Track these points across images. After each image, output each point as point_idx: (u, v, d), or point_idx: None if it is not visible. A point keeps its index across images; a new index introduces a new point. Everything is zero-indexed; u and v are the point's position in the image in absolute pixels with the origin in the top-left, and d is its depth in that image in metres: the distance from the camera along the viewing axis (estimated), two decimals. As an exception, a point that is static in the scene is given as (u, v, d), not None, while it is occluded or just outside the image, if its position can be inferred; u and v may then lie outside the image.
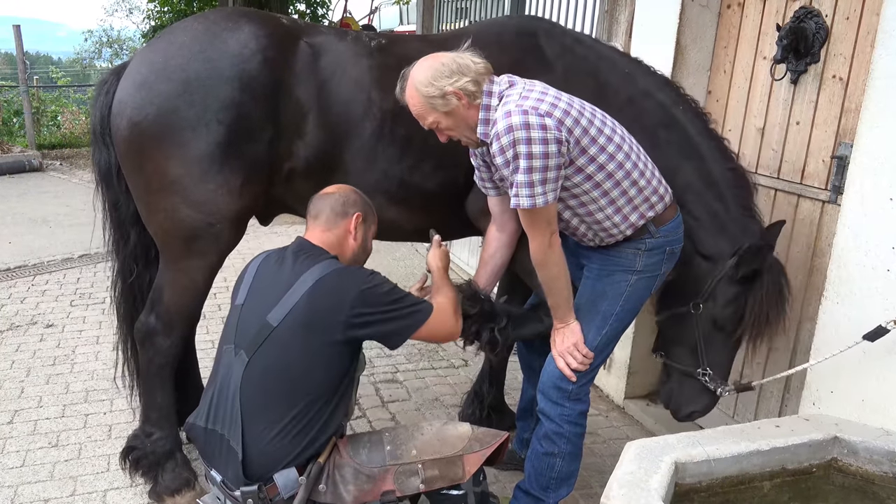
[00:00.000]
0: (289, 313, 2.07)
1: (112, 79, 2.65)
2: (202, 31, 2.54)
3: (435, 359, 4.31)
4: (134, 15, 25.83)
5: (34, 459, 3.11)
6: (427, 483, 2.16)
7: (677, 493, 1.90)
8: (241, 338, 2.14)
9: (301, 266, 2.14)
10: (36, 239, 6.54)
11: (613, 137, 2.18)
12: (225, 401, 2.11)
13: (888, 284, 2.25)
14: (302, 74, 2.54)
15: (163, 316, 2.68)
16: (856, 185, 2.36)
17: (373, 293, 2.10)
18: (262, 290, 2.18)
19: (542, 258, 2.22)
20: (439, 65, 2.14)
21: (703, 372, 2.56)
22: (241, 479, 2.04)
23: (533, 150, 2.02)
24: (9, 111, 11.98)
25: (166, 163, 2.47)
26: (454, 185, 2.71)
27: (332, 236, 2.26)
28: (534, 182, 2.05)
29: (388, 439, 2.22)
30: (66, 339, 4.38)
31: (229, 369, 2.14)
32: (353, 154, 2.62)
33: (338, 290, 2.09)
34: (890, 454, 2.01)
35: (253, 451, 2.04)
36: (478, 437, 2.25)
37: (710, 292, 2.54)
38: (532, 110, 2.03)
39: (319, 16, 12.70)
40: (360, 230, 2.31)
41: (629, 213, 2.26)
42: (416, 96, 2.17)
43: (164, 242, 2.64)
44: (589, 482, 3.06)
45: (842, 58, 2.73)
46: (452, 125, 2.19)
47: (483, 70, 2.16)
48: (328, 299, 2.07)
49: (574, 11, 4.42)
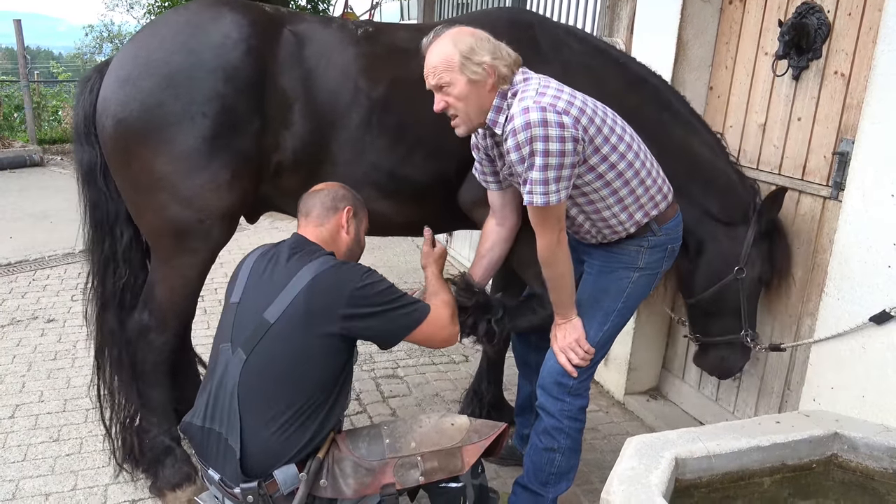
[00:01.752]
0: (286, 310, 2.06)
1: (95, 76, 2.60)
2: (184, 23, 2.50)
3: (435, 354, 4.31)
4: (135, 10, 25.78)
5: (35, 454, 3.11)
6: (426, 475, 2.16)
7: (677, 489, 1.90)
8: (238, 335, 2.12)
9: (298, 262, 2.13)
10: (37, 234, 6.55)
11: (624, 137, 2.18)
12: (223, 399, 2.10)
13: (889, 281, 2.25)
14: (286, 63, 2.50)
15: (156, 313, 2.65)
16: (857, 182, 2.36)
17: (369, 290, 2.09)
18: (258, 287, 2.16)
19: (550, 256, 2.22)
20: (481, 37, 2.11)
21: (745, 333, 2.77)
22: (240, 476, 2.03)
23: (550, 148, 2.00)
24: (10, 106, 11.99)
25: (153, 159, 2.43)
26: (445, 177, 2.67)
27: (325, 232, 2.26)
28: (548, 180, 2.04)
29: (387, 432, 2.22)
30: (67, 334, 4.38)
31: (226, 367, 2.12)
32: (340, 145, 2.57)
33: (335, 286, 2.08)
34: (890, 450, 2.01)
35: (252, 449, 2.04)
36: (476, 429, 2.25)
37: (747, 254, 2.70)
38: (550, 107, 2.01)
39: (320, 11, 12.67)
40: (352, 224, 2.32)
41: (635, 212, 2.27)
42: (449, 50, 2.08)
43: (155, 240, 2.61)
44: (589, 478, 3.06)
45: (844, 54, 2.72)
46: (464, 95, 2.11)
47: (515, 60, 2.15)
48: (325, 295, 2.07)
49: (576, 6, 4.41)
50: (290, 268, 2.12)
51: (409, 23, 6.19)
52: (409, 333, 2.17)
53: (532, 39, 2.65)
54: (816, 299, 2.69)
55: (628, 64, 2.76)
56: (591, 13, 4.24)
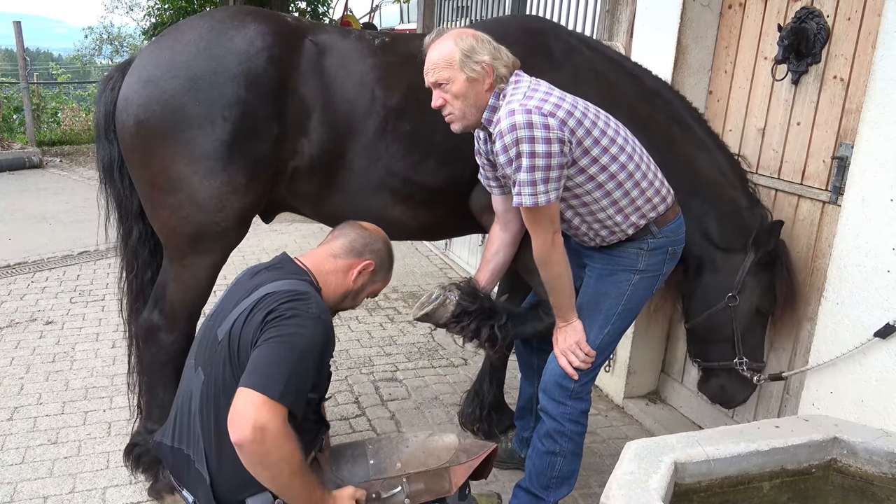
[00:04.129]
0: (232, 326, 1.89)
1: (117, 75, 2.65)
2: (208, 29, 2.55)
3: (434, 357, 4.31)
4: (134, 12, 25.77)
5: (33, 456, 3.11)
6: (412, 498, 2.05)
7: (677, 493, 1.89)
8: (200, 353, 2.00)
9: (262, 279, 1.99)
10: (36, 236, 6.54)
11: (616, 139, 2.19)
12: (187, 419, 1.97)
13: (888, 285, 2.25)
14: (307, 73, 2.55)
15: (166, 312, 2.69)
16: (856, 186, 2.36)
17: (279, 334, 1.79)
18: (223, 303, 2.05)
19: (544, 257, 2.22)
20: (481, 39, 2.16)
21: (739, 362, 2.71)
22: (213, 502, 1.89)
23: (536, 149, 2.03)
24: (9, 108, 11.97)
25: (171, 160, 2.47)
26: (459, 182, 2.71)
27: (329, 266, 2.10)
28: (536, 181, 2.06)
29: (372, 452, 2.12)
30: (66, 336, 4.38)
31: (189, 385, 2.00)
32: (357, 152, 2.62)
33: (270, 310, 1.84)
34: (889, 455, 2.01)
35: (219, 476, 1.88)
36: (465, 448, 2.15)
37: (742, 282, 2.66)
38: (536, 109, 2.04)
39: (320, 13, 12.68)
40: (365, 279, 2.16)
41: (630, 213, 2.27)
42: (449, 48, 2.13)
43: (169, 239, 2.64)
44: (588, 482, 3.06)
45: (843, 58, 2.73)
46: (461, 93, 2.14)
47: (513, 63, 2.19)
48: (257, 317, 1.84)
49: (575, 10, 4.42)
50: (253, 284, 1.99)
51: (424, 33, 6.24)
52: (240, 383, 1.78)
53: (544, 46, 2.68)
54: (815, 304, 2.69)
55: (642, 76, 2.76)
56: (590, 17, 4.25)
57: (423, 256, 6.41)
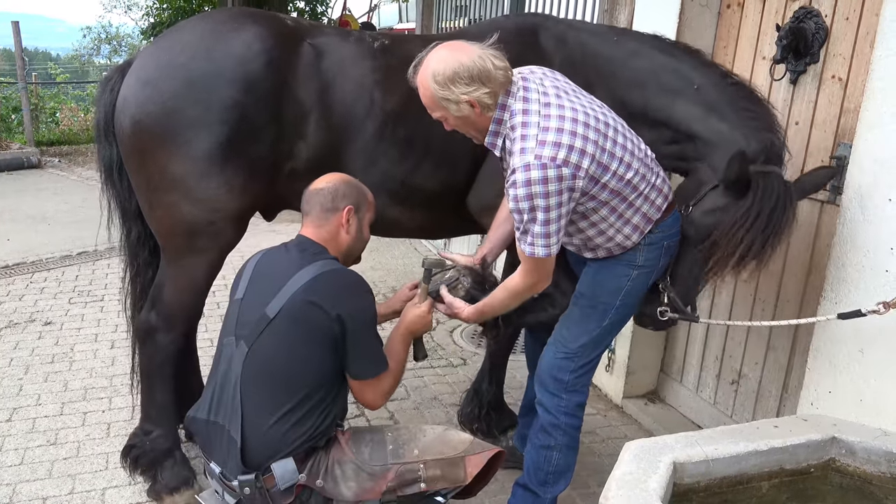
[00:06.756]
0: (284, 306, 2.10)
1: (117, 76, 2.66)
2: (208, 31, 2.56)
3: (433, 357, 4.31)
4: (133, 11, 25.71)
5: (32, 457, 3.11)
6: (428, 483, 2.16)
7: (676, 494, 1.90)
8: (242, 329, 2.17)
9: (300, 262, 2.17)
10: (34, 236, 6.54)
11: (624, 156, 2.16)
12: (227, 392, 2.14)
13: (887, 285, 2.25)
14: (305, 76, 2.55)
15: (163, 313, 2.69)
16: (855, 186, 2.36)
17: (359, 318, 2.13)
18: (261, 284, 2.21)
19: (519, 291, 2.26)
20: (459, 65, 2.03)
21: (664, 286, 2.44)
22: (240, 467, 2.05)
23: (550, 203, 2.03)
24: (7, 108, 11.94)
25: (168, 161, 2.48)
26: (455, 184, 2.73)
27: (324, 232, 2.27)
28: (550, 233, 2.08)
29: (391, 439, 2.22)
30: (65, 337, 4.37)
31: (230, 361, 2.17)
32: (354, 155, 2.63)
33: (334, 288, 2.13)
34: (888, 454, 2.01)
35: (252, 440, 2.06)
36: (479, 443, 2.28)
37: (701, 197, 2.39)
38: (551, 162, 2.00)
39: (318, 13, 12.68)
40: (353, 222, 2.30)
41: (639, 222, 2.29)
42: (428, 90, 2.09)
43: (166, 239, 2.65)
44: (587, 482, 3.06)
45: (841, 58, 2.73)
46: (458, 124, 2.17)
47: (503, 80, 2.08)
48: (324, 296, 2.10)
49: (574, 10, 4.42)
50: (292, 266, 2.16)
51: (424, 34, 6.22)
52: (353, 376, 2.19)
53: (534, 44, 2.69)
54: (814, 304, 2.69)
55: (623, 39, 2.69)
56: (589, 17, 4.25)
57: (422, 256, 6.40)
